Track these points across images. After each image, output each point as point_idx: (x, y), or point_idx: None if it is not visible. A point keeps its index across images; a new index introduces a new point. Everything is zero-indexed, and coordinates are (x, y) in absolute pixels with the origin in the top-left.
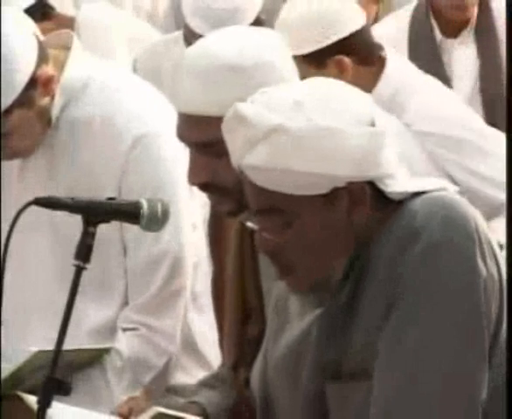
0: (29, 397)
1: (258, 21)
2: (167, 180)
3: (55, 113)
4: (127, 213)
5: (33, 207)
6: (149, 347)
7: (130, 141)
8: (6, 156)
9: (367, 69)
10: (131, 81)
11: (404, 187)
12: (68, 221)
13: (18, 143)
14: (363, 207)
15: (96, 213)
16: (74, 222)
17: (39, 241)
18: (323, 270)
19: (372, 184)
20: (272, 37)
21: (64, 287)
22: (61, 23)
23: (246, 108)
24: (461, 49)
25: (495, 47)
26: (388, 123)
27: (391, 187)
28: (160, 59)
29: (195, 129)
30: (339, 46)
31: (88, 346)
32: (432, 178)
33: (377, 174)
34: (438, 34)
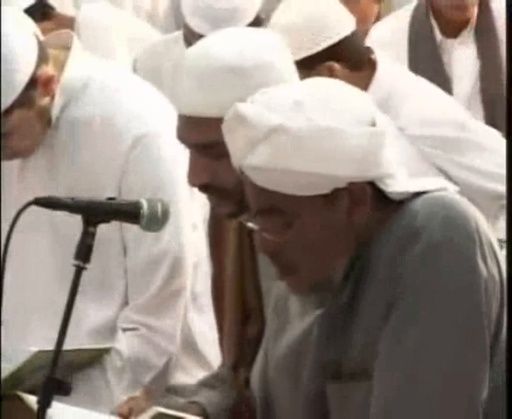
0: (29, 397)
1: (257, 20)
2: (167, 180)
3: (55, 113)
4: (127, 213)
5: (33, 207)
6: (149, 347)
7: (130, 141)
8: (6, 156)
9: (357, 74)
10: (131, 81)
11: (404, 187)
12: (68, 221)
13: (18, 143)
14: (364, 207)
15: (96, 213)
16: (74, 222)
17: (39, 241)
18: (324, 270)
19: (372, 184)
20: (271, 37)
21: (64, 287)
22: (61, 23)
23: (246, 108)
24: (461, 49)
25: (495, 47)
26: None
27: (392, 187)
28: (160, 59)
29: (195, 131)
30: (329, 52)
31: (88, 346)
32: (433, 178)
33: (378, 174)
34: (438, 34)
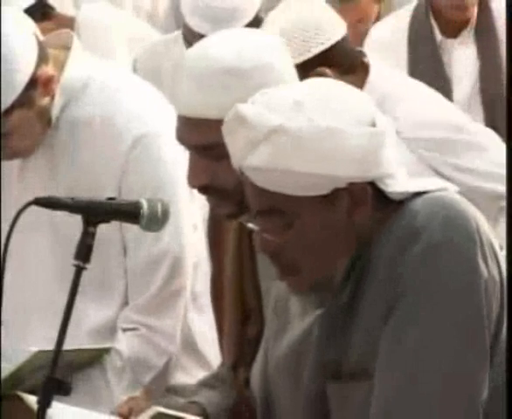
0: (29, 397)
1: (257, 19)
2: (167, 180)
3: (55, 113)
4: (127, 213)
5: (33, 207)
6: (149, 347)
7: (130, 141)
8: (6, 156)
9: (350, 78)
10: (131, 81)
11: (404, 187)
12: (68, 221)
13: (18, 143)
14: (365, 207)
15: (96, 213)
16: (74, 222)
17: (39, 241)
18: (324, 270)
19: (373, 184)
20: (271, 38)
21: (64, 287)
22: (61, 23)
23: (247, 109)
24: (461, 49)
25: (495, 47)
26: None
27: (392, 187)
28: (160, 59)
29: (194, 132)
30: (320, 58)
31: (88, 346)
32: (433, 178)
33: (378, 174)
34: (438, 34)
